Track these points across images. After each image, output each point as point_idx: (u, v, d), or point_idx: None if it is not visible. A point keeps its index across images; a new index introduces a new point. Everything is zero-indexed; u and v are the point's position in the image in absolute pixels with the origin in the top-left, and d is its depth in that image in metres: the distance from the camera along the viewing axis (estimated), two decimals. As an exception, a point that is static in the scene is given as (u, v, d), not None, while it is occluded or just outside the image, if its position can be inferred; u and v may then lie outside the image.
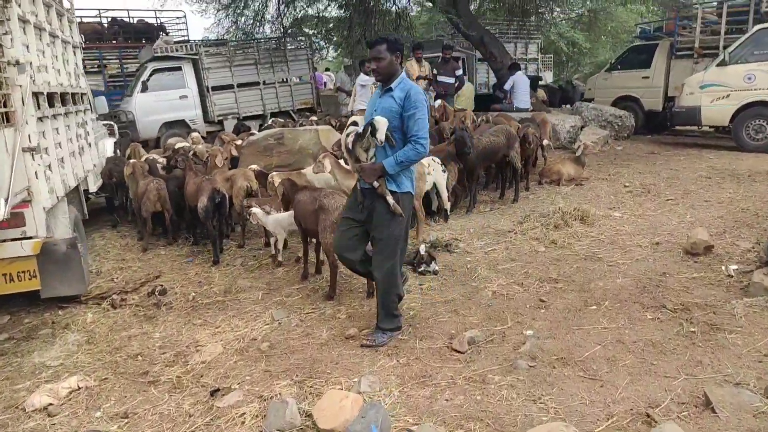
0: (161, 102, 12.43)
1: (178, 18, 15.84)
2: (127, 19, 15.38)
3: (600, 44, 28.29)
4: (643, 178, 8.18)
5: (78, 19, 13.82)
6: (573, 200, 7.14)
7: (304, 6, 14.39)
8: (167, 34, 14.57)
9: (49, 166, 4.21)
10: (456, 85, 11.24)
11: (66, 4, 6.02)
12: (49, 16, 4.98)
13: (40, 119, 4.12)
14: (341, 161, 6.35)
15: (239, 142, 7.17)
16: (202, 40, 13.29)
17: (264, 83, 13.48)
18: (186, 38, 15.10)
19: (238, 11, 13.48)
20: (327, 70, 23.79)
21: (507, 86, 11.49)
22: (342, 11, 14.81)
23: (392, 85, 3.50)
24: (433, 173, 6.20)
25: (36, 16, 4.43)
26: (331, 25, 15.45)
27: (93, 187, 6.65)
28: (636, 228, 6.02)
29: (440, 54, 11.76)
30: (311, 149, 7.13)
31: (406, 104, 3.41)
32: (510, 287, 4.71)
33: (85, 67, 14.56)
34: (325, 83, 18.38)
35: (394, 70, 3.51)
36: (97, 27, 14.51)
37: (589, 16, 15.71)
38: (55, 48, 4.99)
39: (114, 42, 14.77)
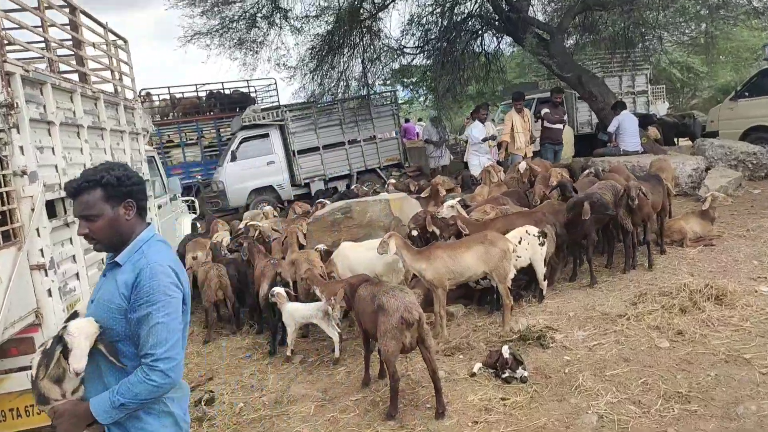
0: (249, 170, 12.52)
1: (269, 85, 16.26)
2: (223, 91, 16.01)
3: (719, 66, 25.58)
4: (794, 233, 6.58)
5: (148, 102, 14.56)
6: (703, 269, 5.78)
7: (390, 60, 14.08)
8: (255, 103, 14.91)
9: (77, 275, 3.84)
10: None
11: (128, 94, 5.92)
12: (97, 108, 4.78)
13: (66, 225, 3.79)
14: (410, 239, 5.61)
15: (308, 221, 6.64)
16: (287, 105, 13.35)
17: (349, 142, 13.22)
18: (277, 104, 15.39)
19: (324, 72, 13.44)
20: (420, 120, 23.50)
21: (611, 128, 10.22)
22: (428, 61, 14.37)
23: (120, 259, 2.03)
24: (529, 248, 5.22)
25: (73, 113, 4.20)
26: (415, 79, 15.02)
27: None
28: (795, 310, 4.61)
29: (541, 97, 10.65)
30: (382, 221, 6.45)
31: (134, 297, 1.94)
32: (623, 407, 3.59)
33: (186, 139, 15.38)
34: (417, 134, 17.96)
35: (124, 230, 2.05)
36: (195, 101, 15.23)
37: (705, 38, 13.92)
38: (102, 140, 4.76)
39: (211, 113, 15.39)
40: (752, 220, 7.33)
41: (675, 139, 15.31)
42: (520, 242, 5.13)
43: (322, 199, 8.09)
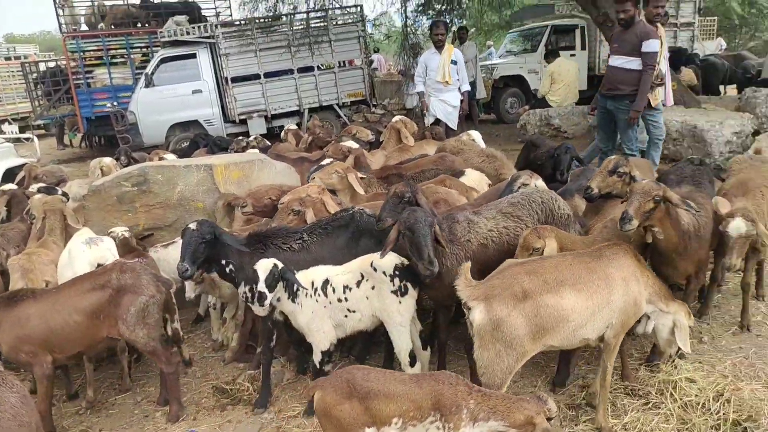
0: (169, 99, 10.05)
1: (223, -3, 13.36)
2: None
3: (788, 4, 21.69)
4: None
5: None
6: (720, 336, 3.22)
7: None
8: (200, 16, 12.08)
9: None
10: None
11: None
12: None
13: None
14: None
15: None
16: (219, 20, 10.62)
17: (300, 71, 10.52)
18: (232, 20, 12.60)
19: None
20: (376, 50, 19.36)
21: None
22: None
23: None
24: (373, 297, 2.67)
25: None
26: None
27: None
28: None
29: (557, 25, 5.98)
30: (201, 200, 4.00)
31: None
32: None
33: (128, 56, 12.84)
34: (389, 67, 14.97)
35: None
36: (128, 10, 12.54)
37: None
38: None
39: (147, 26, 12.69)
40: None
41: (721, 87, 12.20)
42: (359, 285, 2.60)
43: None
